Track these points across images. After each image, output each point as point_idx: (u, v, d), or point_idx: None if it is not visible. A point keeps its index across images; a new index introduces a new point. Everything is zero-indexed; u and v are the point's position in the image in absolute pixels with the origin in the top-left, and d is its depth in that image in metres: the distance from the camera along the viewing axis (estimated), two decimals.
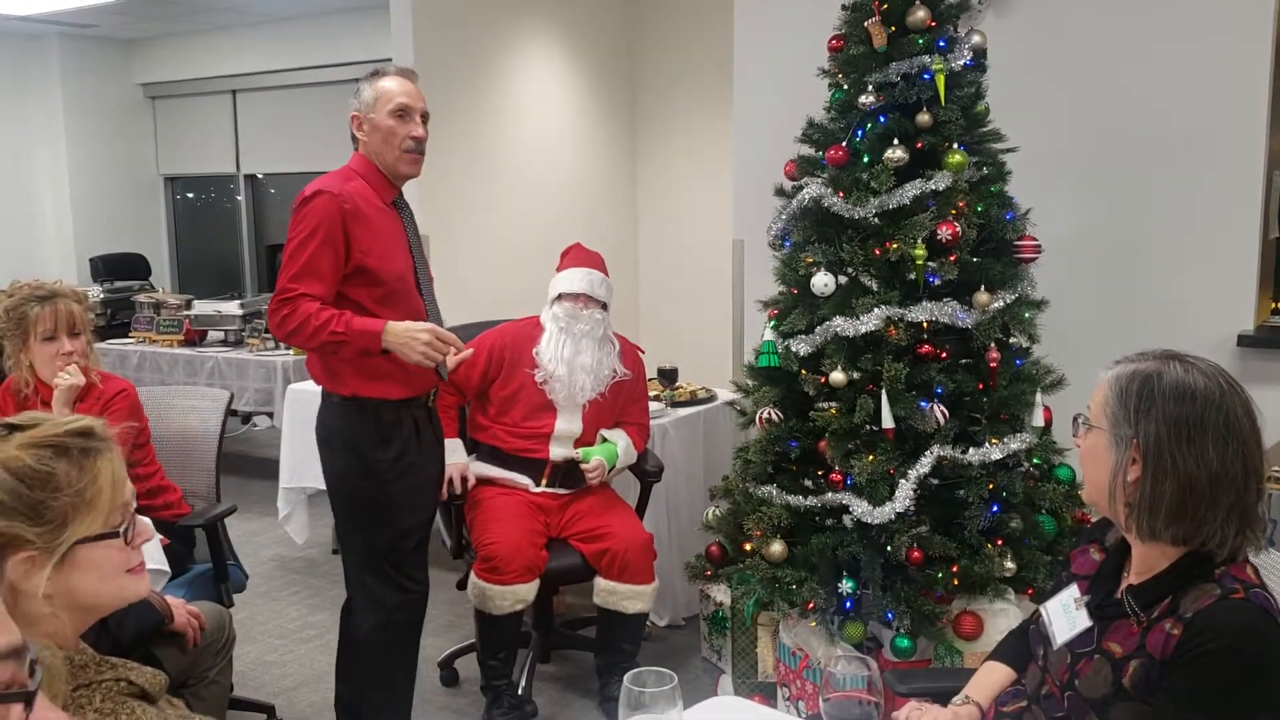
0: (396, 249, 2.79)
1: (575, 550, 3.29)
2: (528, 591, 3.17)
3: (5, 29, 7.85)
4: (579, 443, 3.42)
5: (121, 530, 1.55)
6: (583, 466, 3.37)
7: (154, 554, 2.69)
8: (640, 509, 3.56)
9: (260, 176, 8.50)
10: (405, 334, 2.63)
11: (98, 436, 1.54)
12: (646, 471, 3.56)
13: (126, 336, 6.10)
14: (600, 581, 3.25)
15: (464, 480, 3.36)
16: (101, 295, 6.66)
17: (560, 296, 3.45)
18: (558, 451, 3.39)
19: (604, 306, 3.47)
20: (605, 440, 3.46)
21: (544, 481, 3.39)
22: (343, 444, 2.80)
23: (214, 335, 5.85)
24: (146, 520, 2.69)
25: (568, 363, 3.36)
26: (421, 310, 2.83)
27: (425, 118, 2.82)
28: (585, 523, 3.31)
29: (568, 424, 3.40)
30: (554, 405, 3.39)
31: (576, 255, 3.53)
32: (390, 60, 5.36)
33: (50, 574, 1.47)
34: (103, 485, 1.51)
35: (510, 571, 3.13)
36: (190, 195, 9.05)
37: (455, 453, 3.36)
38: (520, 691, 3.36)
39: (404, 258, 2.82)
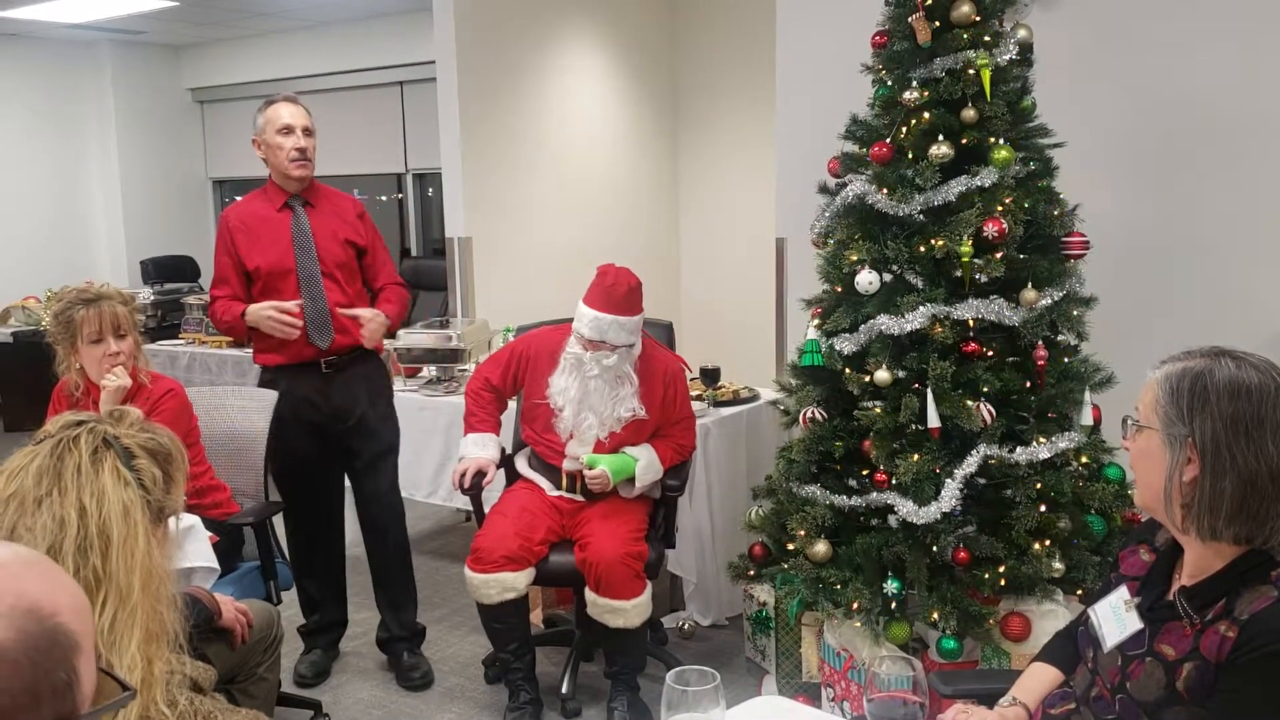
0: (273, 248, 3.38)
1: (572, 555, 3.23)
2: (514, 580, 3.13)
3: (58, 36, 8.01)
4: None
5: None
6: (585, 473, 3.27)
7: (203, 551, 2.73)
8: (665, 521, 3.41)
9: None
10: (256, 313, 3.32)
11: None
12: (667, 485, 3.34)
13: (176, 338, 6.20)
14: (586, 591, 3.18)
15: (479, 474, 3.31)
16: (152, 297, 6.76)
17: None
18: (570, 465, 3.33)
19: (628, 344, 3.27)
20: (626, 454, 3.30)
21: (563, 487, 3.36)
22: None
23: None
24: (196, 518, 2.76)
25: (575, 403, 3.28)
26: (294, 298, 3.37)
27: (307, 132, 3.40)
28: (583, 529, 3.24)
29: (579, 447, 3.32)
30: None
31: (596, 291, 3.21)
32: (434, 63, 5.41)
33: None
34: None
35: (490, 560, 3.12)
36: (238, 198, 9.15)
37: (474, 446, 3.36)
38: (564, 690, 3.37)
39: (280, 254, 3.37)
